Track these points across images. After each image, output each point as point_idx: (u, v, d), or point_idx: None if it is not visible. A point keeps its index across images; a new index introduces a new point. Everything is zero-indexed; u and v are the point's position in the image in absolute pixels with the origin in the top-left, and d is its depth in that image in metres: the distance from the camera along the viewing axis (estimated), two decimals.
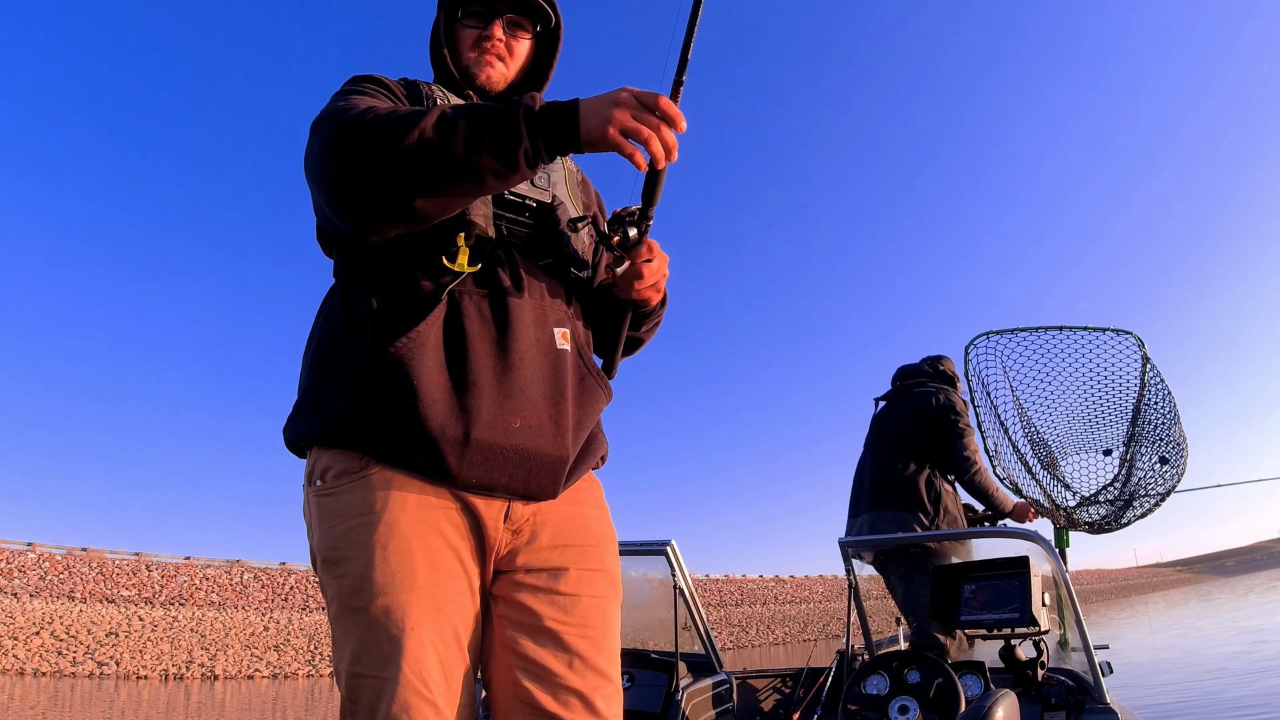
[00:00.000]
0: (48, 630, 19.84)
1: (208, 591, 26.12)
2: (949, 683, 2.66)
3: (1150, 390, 3.24)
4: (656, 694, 3.00)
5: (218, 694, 15.30)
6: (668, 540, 3.12)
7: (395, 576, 1.07)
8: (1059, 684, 2.66)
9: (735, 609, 37.51)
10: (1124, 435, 3.34)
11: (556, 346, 1.18)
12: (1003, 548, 3.00)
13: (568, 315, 1.23)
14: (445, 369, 1.09)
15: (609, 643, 1.19)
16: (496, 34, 1.28)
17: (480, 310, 1.13)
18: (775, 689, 3.46)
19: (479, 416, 1.08)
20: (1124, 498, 3.26)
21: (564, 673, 1.13)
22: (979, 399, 3.44)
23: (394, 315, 1.11)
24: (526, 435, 1.11)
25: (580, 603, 1.17)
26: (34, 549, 24.76)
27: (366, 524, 1.08)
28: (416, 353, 1.08)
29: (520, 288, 1.17)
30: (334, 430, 1.11)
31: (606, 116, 1.00)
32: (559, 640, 1.14)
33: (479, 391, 1.09)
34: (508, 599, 1.16)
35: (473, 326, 1.12)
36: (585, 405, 1.21)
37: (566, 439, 1.15)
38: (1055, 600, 2.94)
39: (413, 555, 1.08)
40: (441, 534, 1.11)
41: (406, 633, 1.06)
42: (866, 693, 2.78)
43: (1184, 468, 3.10)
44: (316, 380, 1.16)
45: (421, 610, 1.08)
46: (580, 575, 1.19)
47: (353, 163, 1.03)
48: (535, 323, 1.17)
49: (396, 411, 1.07)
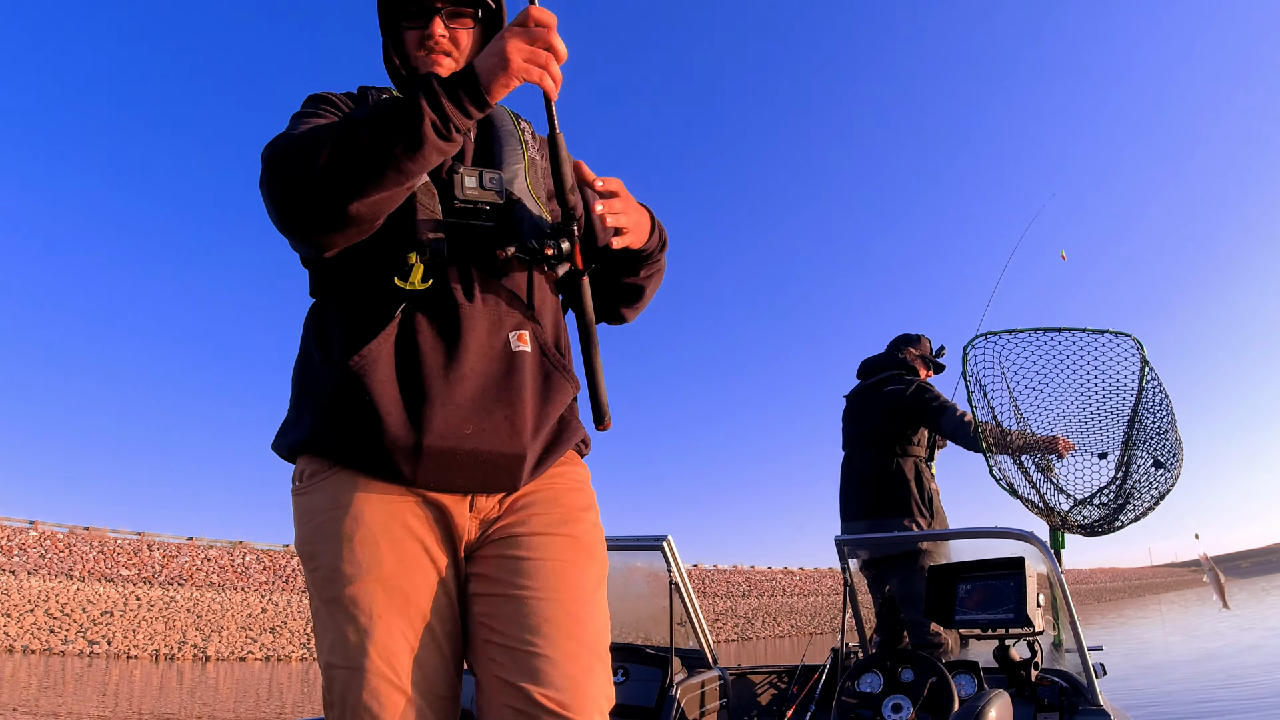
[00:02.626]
0: (42, 608, 19.97)
1: (208, 572, 26.26)
2: (943, 682, 2.67)
3: (1148, 394, 3.23)
4: (651, 689, 3.02)
5: (209, 675, 15.38)
6: (664, 535, 3.13)
7: (362, 567, 1.11)
8: (1052, 685, 2.67)
9: (742, 600, 37.65)
10: (1120, 439, 3.34)
11: (512, 349, 1.20)
12: (998, 548, 3.01)
13: (529, 315, 1.24)
14: (397, 383, 1.14)
15: (582, 608, 1.17)
16: (437, 31, 1.29)
17: (432, 324, 1.17)
18: (770, 685, 3.48)
19: (430, 426, 1.12)
20: (1119, 501, 3.27)
21: (535, 640, 1.12)
22: (976, 399, 3.44)
23: (353, 333, 1.17)
24: (480, 439, 1.14)
25: (546, 566, 1.17)
26: (36, 527, 24.87)
27: (335, 517, 1.14)
28: (369, 369, 1.13)
29: (472, 297, 1.19)
30: (308, 440, 1.18)
31: (501, 53, 1.05)
32: (527, 607, 1.14)
33: (430, 403, 1.13)
34: (476, 575, 1.19)
35: (424, 341, 1.16)
36: (549, 401, 1.23)
37: (523, 437, 1.17)
38: (1050, 601, 2.95)
39: (379, 546, 1.12)
40: (407, 526, 1.15)
41: (375, 621, 1.10)
42: (860, 690, 2.79)
43: (1179, 472, 3.11)
44: (296, 395, 1.24)
45: (390, 599, 1.11)
46: (547, 541, 1.19)
47: (283, 186, 1.09)
48: (489, 330, 1.19)
49: (356, 424, 1.13)
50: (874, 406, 4.05)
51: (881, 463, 3.91)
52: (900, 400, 3.95)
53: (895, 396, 3.98)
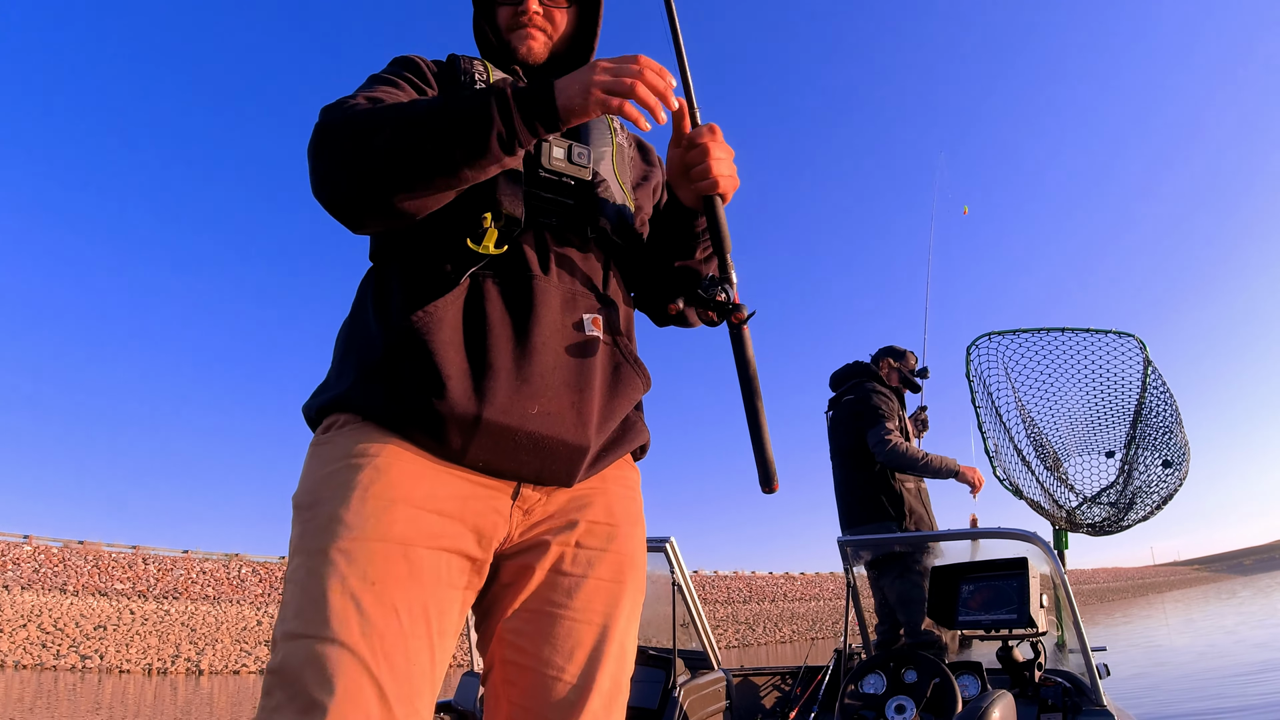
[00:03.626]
0: (34, 623, 19.83)
1: (203, 585, 26.12)
2: (946, 683, 2.66)
3: (1151, 393, 3.24)
4: (654, 690, 3.00)
5: (203, 689, 15.27)
6: (667, 537, 3.12)
7: (369, 522, 0.94)
8: (1056, 685, 2.66)
9: (743, 606, 37.53)
10: (1125, 438, 3.34)
11: (586, 333, 1.09)
12: (1001, 548, 3.00)
13: (603, 300, 1.15)
14: (462, 348, 1.02)
15: (619, 637, 1.06)
16: (532, 6, 1.25)
17: (503, 293, 1.07)
18: (773, 686, 3.46)
19: (493, 400, 1.00)
20: (1125, 500, 3.27)
21: (565, 666, 1.02)
22: (980, 399, 3.45)
23: (417, 293, 1.06)
24: (544, 422, 1.03)
25: (588, 585, 1.06)
26: (30, 541, 24.74)
27: (351, 466, 0.98)
28: (433, 329, 1.01)
29: (548, 271, 1.10)
30: (344, 396, 1.05)
31: (586, 82, 1.00)
32: (561, 628, 1.03)
33: (494, 375, 1.01)
34: (508, 584, 1.06)
35: (493, 309, 1.05)
36: (618, 394, 1.12)
37: (589, 428, 1.06)
38: (1053, 602, 2.94)
39: (395, 507, 0.96)
40: (436, 498, 1.00)
41: (368, 588, 0.91)
42: (864, 691, 2.78)
43: (1186, 471, 3.11)
44: (340, 356, 1.12)
45: (393, 569, 0.93)
46: (594, 557, 1.08)
47: (331, 159, 1.02)
48: (563, 307, 1.09)
49: (409, 385, 1.01)
50: (837, 418, 4.13)
51: (851, 474, 3.98)
52: (851, 410, 4.03)
53: (848, 406, 4.05)
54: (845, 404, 4.06)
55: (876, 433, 3.82)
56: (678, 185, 1.19)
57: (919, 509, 3.85)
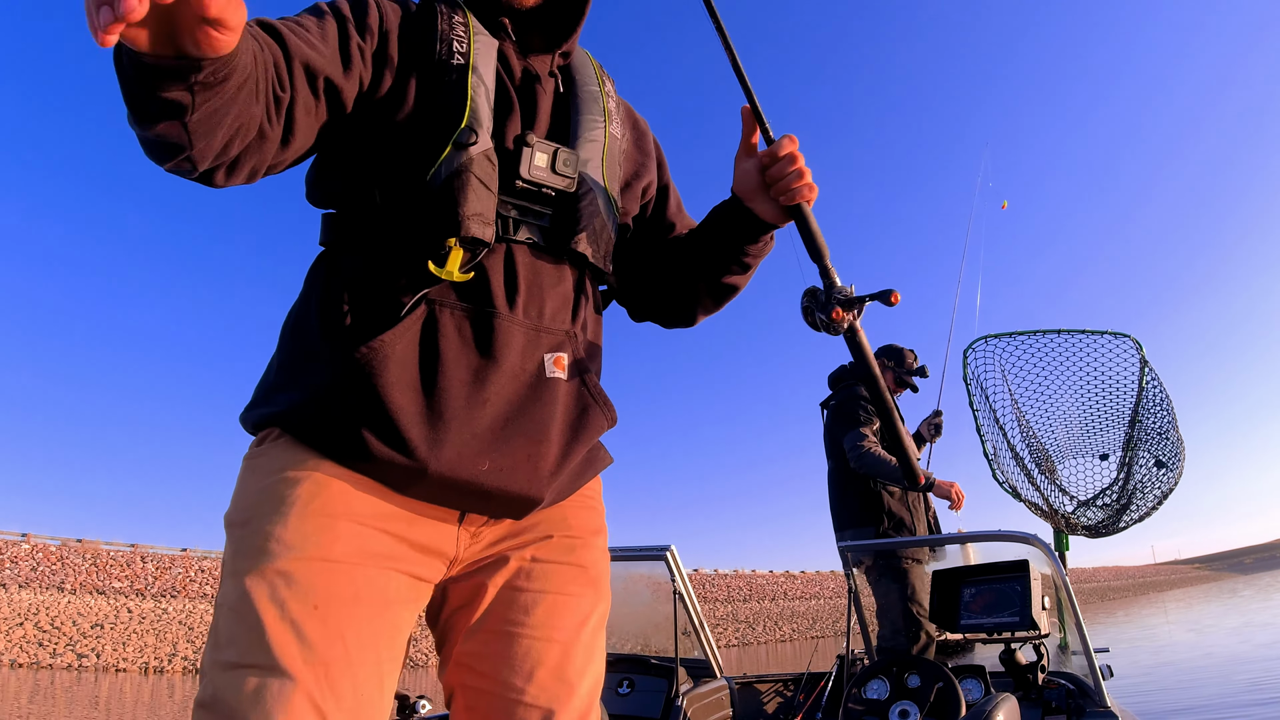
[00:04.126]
0: (31, 621, 19.80)
1: (202, 584, 26.09)
2: (949, 687, 2.66)
3: (1148, 394, 3.24)
4: (656, 700, 3.00)
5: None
6: (667, 545, 3.11)
7: (310, 540, 0.87)
8: (1059, 687, 2.66)
9: (743, 605, 37.57)
10: (1122, 439, 3.35)
11: (548, 375, 1.00)
12: (1003, 551, 3.00)
13: (571, 334, 1.05)
14: (413, 390, 0.93)
15: (583, 652, 1.00)
16: None
17: (461, 329, 0.96)
18: (776, 693, 3.46)
19: (441, 454, 0.92)
20: (1122, 501, 3.27)
21: (526, 688, 0.95)
22: (977, 403, 3.45)
23: (366, 317, 0.96)
24: (495, 477, 0.95)
25: (548, 601, 1.00)
26: (28, 539, 24.70)
27: (290, 480, 0.90)
28: (382, 367, 0.91)
29: (514, 302, 0.99)
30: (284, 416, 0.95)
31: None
32: (521, 647, 0.97)
33: (445, 426, 0.93)
34: (463, 606, 1.00)
35: (449, 349, 0.95)
36: (579, 439, 1.03)
37: (543, 482, 0.98)
38: (1055, 604, 2.94)
39: (337, 523, 0.89)
40: (379, 512, 0.93)
41: (310, 613, 0.84)
42: (867, 697, 2.78)
43: (1181, 471, 3.11)
44: (283, 361, 1.01)
45: (335, 590, 0.86)
46: (551, 570, 1.02)
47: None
48: (525, 349, 0.99)
49: (353, 425, 0.92)
50: (827, 420, 4.13)
51: (837, 477, 3.97)
52: (834, 413, 4.02)
53: (834, 409, 4.04)
54: (833, 407, 4.06)
55: (851, 438, 3.79)
56: (752, 199, 1.13)
57: (903, 514, 3.79)
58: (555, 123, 1.10)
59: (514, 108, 1.06)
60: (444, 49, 1.03)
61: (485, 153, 0.99)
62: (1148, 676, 8.65)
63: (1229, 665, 9.36)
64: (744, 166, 1.13)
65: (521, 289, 1.01)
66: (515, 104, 1.06)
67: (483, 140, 0.99)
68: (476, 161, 0.98)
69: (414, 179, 0.98)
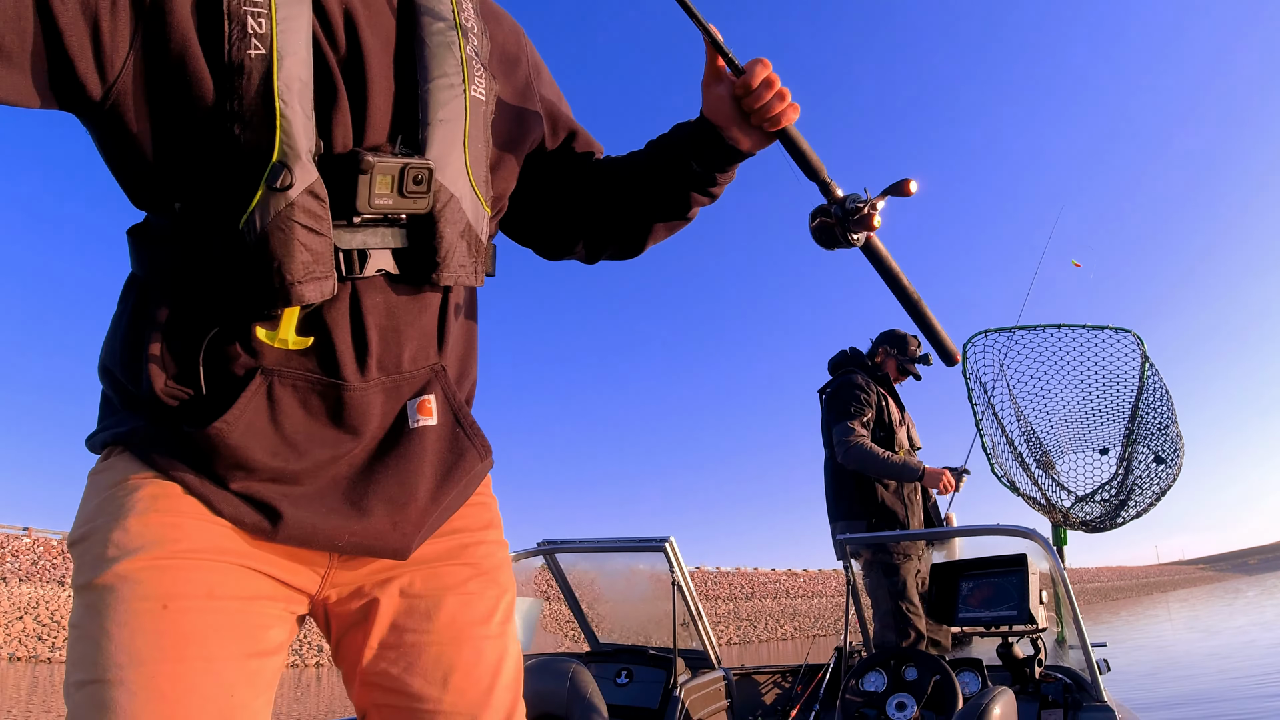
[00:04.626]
0: (31, 615, 19.87)
1: None
2: (946, 680, 2.67)
3: (1149, 389, 3.25)
4: (655, 690, 3.02)
5: None
6: (666, 536, 3.13)
7: (153, 539, 0.77)
8: (1056, 681, 2.67)
9: (745, 603, 37.53)
10: (1121, 434, 3.35)
11: (411, 428, 0.88)
12: (1001, 545, 3.01)
13: (438, 367, 0.91)
14: (254, 472, 0.81)
15: (492, 646, 0.93)
16: None
17: (307, 404, 0.83)
18: (774, 685, 3.48)
19: (290, 529, 0.83)
20: (1120, 497, 3.28)
21: (438, 695, 0.89)
22: (976, 397, 3.46)
23: (193, 392, 0.81)
24: (356, 543, 0.86)
25: (445, 602, 0.92)
26: (30, 534, 24.79)
27: (130, 485, 0.80)
28: (213, 451, 0.79)
29: (366, 363, 0.84)
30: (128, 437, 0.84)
31: None
32: (426, 655, 0.90)
33: (294, 503, 0.83)
34: (352, 623, 0.92)
35: (295, 427, 0.82)
36: (450, 486, 0.92)
37: (411, 540, 0.89)
38: (1053, 598, 2.95)
39: (182, 520, 0.79)
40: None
41: (158, 614, 0.75)
42: (864, 689, 2.79)
43: (1180, 467, 3.12)
44: (114, 394, 0.88)
45: (183, 587, 0.77)
46: (442, 571, 0.94)
47: None
48: (384, 408, 0.87)
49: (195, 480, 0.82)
50: (823, 408, 4.09)
51: (831, 466, 3.94)
52: (828, 402, 3.98)
53: (828, 398, 4.01)
54: (828, 395, 4.02)
55: (840, 431, 3.76)
56: (730, 127, 0.99)
57: (896, 508, 3.77)
58: (401, 97, 0.86)
59: (338, 96, 0.82)
60: (235, 33, 0.76)
61: (309, 189, 0.77)
62: (1152, 676, 8.63)
63: (1231, 664, 9.34)
64: (715, 92, 0.98)
65: (374, 342, 0.85)
66: (340, 91, 0.82)
67: (303, 174, 0.77)
68: (299, 206, 0.77)
69: (224, 224, 0.78)
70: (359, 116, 0.83)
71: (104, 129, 0.80)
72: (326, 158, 0.80)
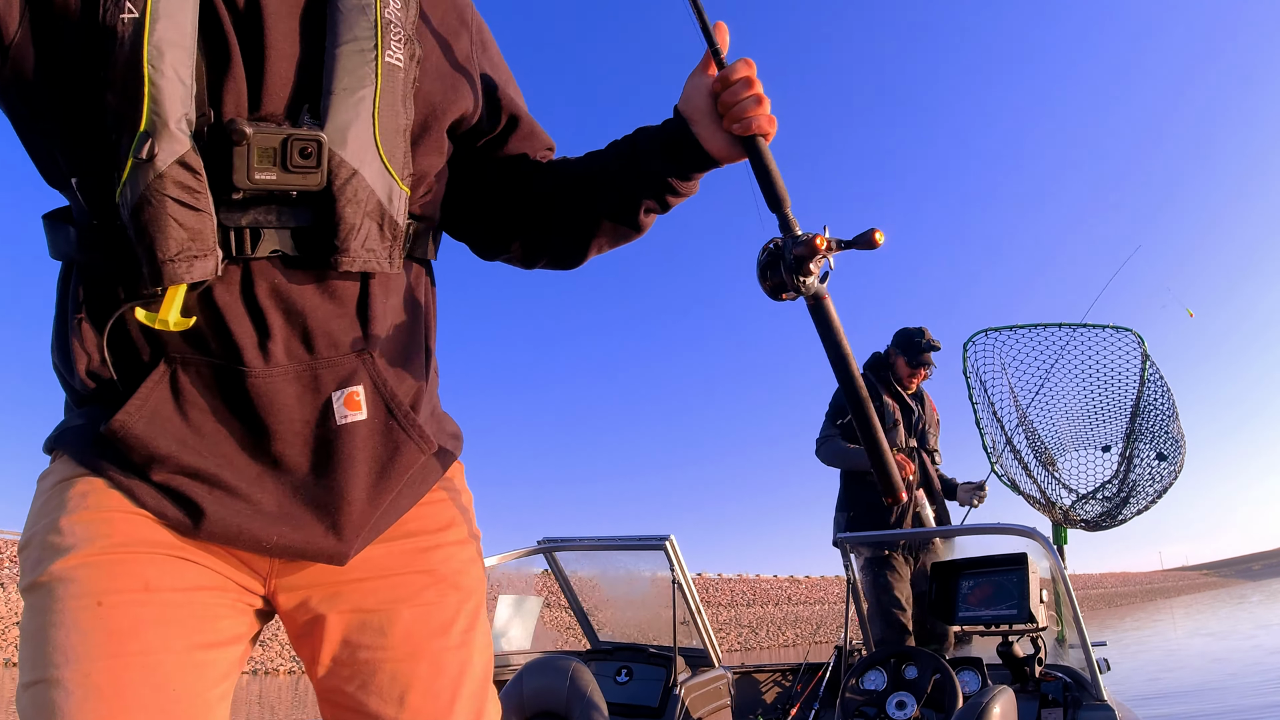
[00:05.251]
0: None
1: None
2: (946, 679, 2.67)
3: (1150, 387, 3.25)
4: (654, 688, 3.02)
5: None
6: (666, 535, 3.13)
7: (84, 537, 0.75)
8: (1057, 680, 2.67)
9: (746, 609, 37.40)
10: (1123, 432, 3.36)
11: (337, 424, 0.81)
12: (1001, 544, 3.01)
13: (366, 353, 0.83)
14: (168, 466, 0.77)
15: (452, 658, 0.87)
16: None
17: (211, 392, 0.78)
18: (774, 683, 3.48)
19: (213, 529, 0.78)
20: (1121, 495, 3.28)
21: (394, 715, 0.83)
22: (977, 396, 3.47)
23: (103, 378, 0.80)
24: (285, 551, 0.81)
25: (400, 615, 0.85)
26: None
27: (63, 485, 0.79)
28: (128, 445, 0.77)
29: (268, 348, 0.78)
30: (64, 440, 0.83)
31: None
32: (383, 672, 0.84)
33: (217, 500, 0.78)
34: (301, 635, 0.87)
35: (203, 419, 0.78)
36: (388, 484, 0.85)
37: (348, 544, 0.83)
38: (1053, 597, 2.95)
39: (113, 516, 0.77)
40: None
41: (93, 610, 0.72)
42: (864, 688, 2.79)
43: (1181, 464, 3.12)
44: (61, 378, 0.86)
45: (120, 581, 0.74)
46: (398, 582, 0.87)
47: None
48: (301, 397, 0.80)
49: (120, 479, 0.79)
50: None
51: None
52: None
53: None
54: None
55: (823, 428, 3.89)
56: (699, 122, 0.93)
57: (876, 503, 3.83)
58: (307, 63, 0.79)
59: (231, 61, 0.76)
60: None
61: (181, 159, 0.72)
62: (1153, 682, 8.59)
63: (1237, 668, 9.30)
64: (694, 82, 0.94)
65: (276, 326, 0.79)
66: (233, 56, 0.76)
67: (170, 143, 0.71)
68: (169, 179, 0.72)
69: (107, 200, 0.75)
70: (255, 83, 0.77)
71: (7, 100, 0.78)
72: (215, 129, 0.75)
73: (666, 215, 1.03)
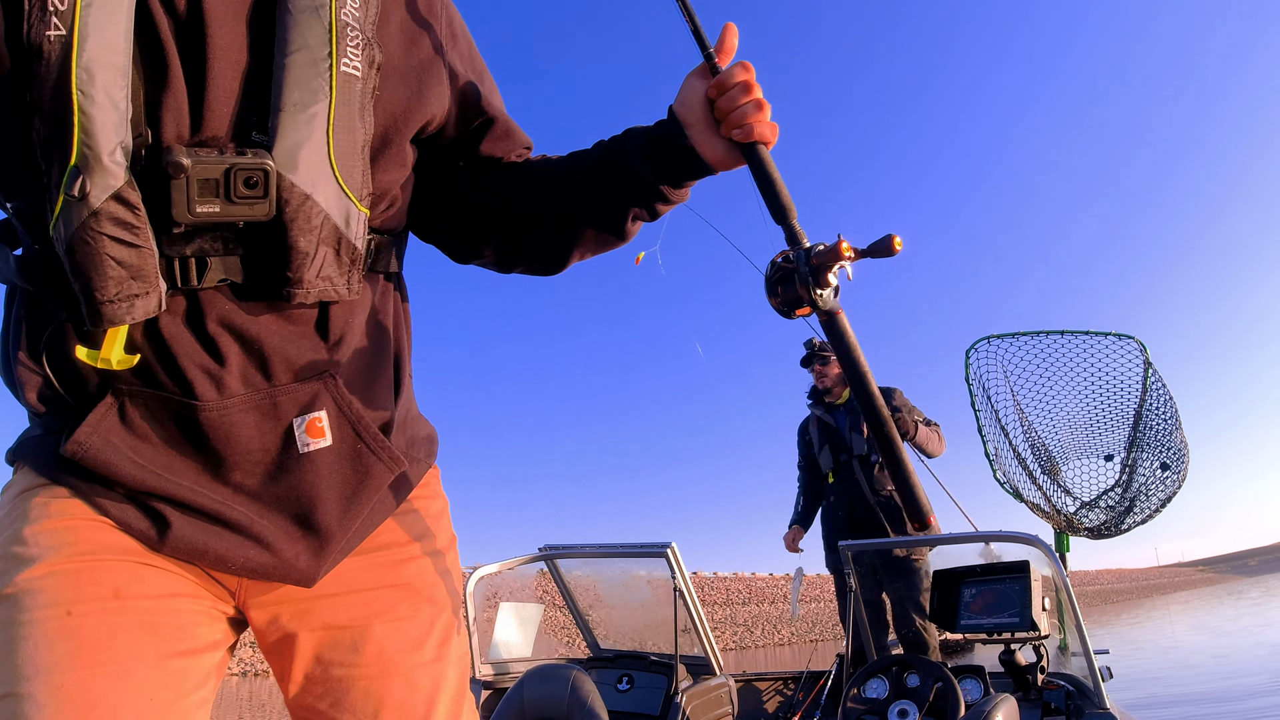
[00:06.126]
0: None
1: None
2: (948, 687, 2.66)
3: (1152, 395, 3.25)
4: (656, 696, 3.01)
5: None
6: (668, 542, 3.12)
7: (51, 542, 0.72)
8: (1059, 688, 2.67)
9: (742, 608, 37.45)
10: (1125, 440, 3.35)
11: (300, 453, 0.77)
12: (1004, 552, 3.01)
13: (329, 377, 0.79)
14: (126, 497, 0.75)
15: (425, 675, 0.84)
16: None
17: (162, 424, 0.74)
18: (776, 691, 3.47)
19: (181, 539, 0.75)
20: (1125, 503, 3.28)
21: None
22: (980, 403, 3.46)
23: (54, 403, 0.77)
24: (251, 567, 0.78)
25: (373, 630, 0.83)
26: None
27: (25, 495, 0.76)
28: (87, 467, 0.74)
29: (222, 380, 0.74)
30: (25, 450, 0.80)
31: None
32: (356, 690, 0.81)
33: (183, 517, 0.75)
34: (271, 651, 0.84)
35: (154, 454, 0.74)
36: (357, 507, 0.82)
37: (316, 568, 0.80)
38: (1056, 605, 2.95)
39: (77, 524, 0.73)
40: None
41: (61, 620, 0.69)
42: (866, 696, 2.78)
43: (1185, 473, 3.11)
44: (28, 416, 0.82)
45: (88, 590, 0.71)
46: (370, 597, 0.84)
47: None
48: (259, 426, 0.76)
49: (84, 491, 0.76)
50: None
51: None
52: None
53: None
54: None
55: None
56: (693, 126, 0.87)
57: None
58: (256, 75, 0.72)
59: (169, 76, 0.69)
60: (34, 10, 0.65)
61: (117, 194, 0.66)
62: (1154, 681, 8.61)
63: (1236, 666, 9.33)
64: (690, 85, 0.88)
65: (230, 353, 0.74)
66: (172, 70, 0.70)
67: (104, 178, 0.65)
68: (104, 215, 0.66)
69: (41, 231, 0.70)
70: (197, 99, 0.70)
71: None
72: (155, 154, 0.68)
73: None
